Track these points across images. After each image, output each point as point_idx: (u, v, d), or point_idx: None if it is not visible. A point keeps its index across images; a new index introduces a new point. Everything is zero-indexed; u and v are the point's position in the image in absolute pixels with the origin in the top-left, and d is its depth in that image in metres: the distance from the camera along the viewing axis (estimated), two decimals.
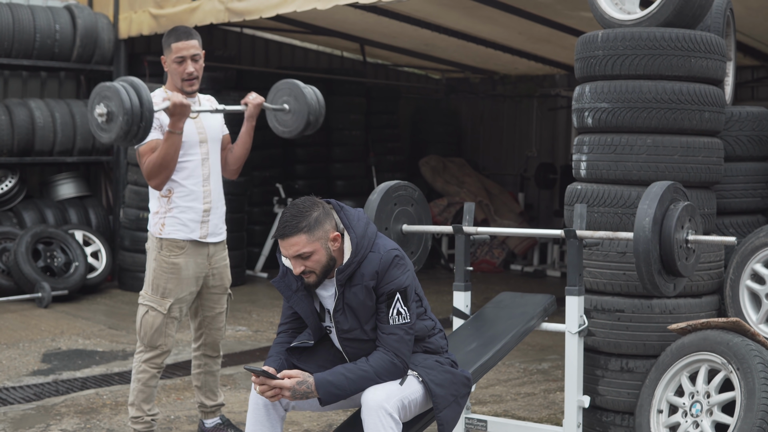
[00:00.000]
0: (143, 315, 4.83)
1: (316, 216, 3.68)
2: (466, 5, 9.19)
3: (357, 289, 3.70)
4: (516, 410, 5.88)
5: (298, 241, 3.65)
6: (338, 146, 12.75)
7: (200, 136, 4.86)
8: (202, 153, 4.86)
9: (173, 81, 4.85)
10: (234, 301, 5.34)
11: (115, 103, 4.36)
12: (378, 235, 3.79)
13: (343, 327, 3.76)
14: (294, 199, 7.03)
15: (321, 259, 3.69)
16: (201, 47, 4.88)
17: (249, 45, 12.81)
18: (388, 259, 3.70)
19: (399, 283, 3.70)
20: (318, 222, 3.67)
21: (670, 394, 4.57)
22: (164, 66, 4.87)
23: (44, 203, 10.12)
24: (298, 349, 3.88)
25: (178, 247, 4.82)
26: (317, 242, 3.66)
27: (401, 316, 3.70)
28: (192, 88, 4.84)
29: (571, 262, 4.51)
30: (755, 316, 5.02)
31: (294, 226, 3.65)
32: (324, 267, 3.71)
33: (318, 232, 3.67)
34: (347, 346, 3.81)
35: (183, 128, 4.68)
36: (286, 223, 3.66)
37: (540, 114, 14.16)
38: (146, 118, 4.41)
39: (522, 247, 12.30)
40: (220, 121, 5.05)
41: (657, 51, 4.83)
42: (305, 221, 3.65)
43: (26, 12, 9.71)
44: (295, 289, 3.84)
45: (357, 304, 3.71)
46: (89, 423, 5.50)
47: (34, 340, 7.63)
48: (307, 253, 3.66)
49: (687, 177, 4.86)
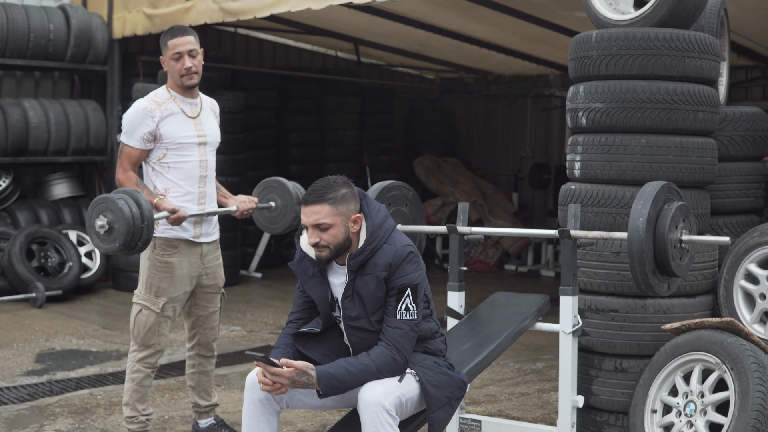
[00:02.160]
0: (137, 314, 4.85)
1: (344, 193, 3.72)
2: (460, 5, 9.19)
3: (368, 278, 3.72)
4: (510, 410, 5.88)
5: (320, 210, 3.68)
6: (332, 146, 12.74)
7: (200, 138, 4.88)
8: (200, 155, 4.88)
9: (173, 79, 4.87)
10: (228, 301, 5.35)
11: (116, 217, 4.39)
12: (395, 230, 3.82)
13: (350, 314, 3.78)
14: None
15: (338, 234, 3.71)
16: (198, 44, 4.89)
17: (243, 45, 12.80)
18: (403, 254, 3.72)
19: (411, 278, 3.72)
20: (344, 198, 3.71)
21: (664, 393, 4.58)
22: (164, 66, 4.89)
23: (38, 203, 10.10)
24: (304, 335, 3.89)
25: (172, 246, 4.84)
26: (338, 217, 3.69)
27: (409, 311, 3.72)
28: (192, 82, 4.85)
29: (565, 262, 4.51)
30: (749, 316, 5.03)
31: (321, 195, 3.69)
32: (339, 244, 3.72)
33: (342, 208, 3.70)
34: (352, 335, 3.82)
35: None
36: (314, 191, 3.70)
37: (534, 114, 14.17)
38: (147, 233, 4.46)
39: (516, 247, 12.31)
40: (218, 127, 5.09)
41: (651, 51, 4.84)
42: (333, 193, 3.69)
43: (20, 12, 9.69)
44: (311, 275, 3.86)
45: (367, 293, 3.73)
46: (83, 423, 5.50)
47: (28, 340, 7.62)
48: (326, 225, 3.68)
49: (681, 177, 4.87)
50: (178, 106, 4.84)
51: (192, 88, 4.88)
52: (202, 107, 4.97)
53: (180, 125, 4.82)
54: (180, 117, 4.83)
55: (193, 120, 4.87)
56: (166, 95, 4.86)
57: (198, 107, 4.94)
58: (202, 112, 4.96)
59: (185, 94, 4.89)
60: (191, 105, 4.91)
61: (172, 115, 4.81)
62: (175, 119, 4.81)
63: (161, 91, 4.88)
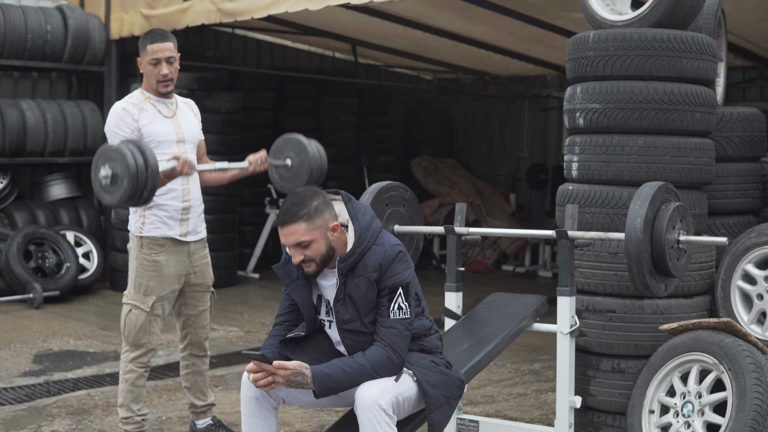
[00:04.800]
0: (127, 314, 4.88)
1: (316, 205, 3.70)
2: (457, 6, 9.19)
3: (359, 280, 3.72)
4: (507, 411, 5.89)
5: (297, 230, 3.66)
6: (330, 147, 12.57)
7: (177, 135, 4.92)
8: (179, 152, 4.88)
9: (149, 82, 4.92)
10: (225, 302, 5.35)
11: (120, 166, 4.26)
12: (383, 231, 3.82)
13: (343, 317, 3.78)
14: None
15: (320, 248, 3.71)
16: (176, 50, 4.94)
17: (240, 45, 12.80)
18: (393, 254, 3.72)
19: (402, 278, 3.72)
20: (318, 211, 3.69)
21: (661, 394, 4.58)
22: (140, 67, 4.93)
23: (35, 204, 10.09)
24: (292, 341, 3.90)
25: (159, 245, 4.86)
26: (316, 231, 3.68)
27: (402, 311, 3.72)
28: (167, 89, 4.90)
29: (562, 263, 4.52)
30: (746, 316, 5.04)
31: (294, 213, 3.67)
32: (323, 256, 3.72)
33: (318, 221, 3.69)
34: (347, 338, 3.81)
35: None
36: (286, 211, 3.68)
37: (531, 115, 14.18)
38: (152, 181, 4.32)
39: (513, 247, 12.31)
40: (197, 125, 5.11)
41: (648, 52, 4.84)
42: (305, 209, 3.67)
43: (17, 12, 9.68)
44: (294, 278, 3.86)
45: (358, 295, 3.73)
46: (81, 424, 5.49)
47: (26, 341, 7.61)
48: (306, 242, 3.68)
49: (678, 177, 4.87)
50: (154, 107, 4.88)
51: (167, 95, 4.92)
52: (178, 106, 5.02)
53: (158, 124, 4.85)
54: (157, 117, 4.87)
55: (170, 119, 4.92)
56: (141, 97, 4.90)
57: (174, 106, 4.98)
58: (178, 111, 4.99)
59: (160, 96, 4.92)
60: (166, 105, 4.94)
61: (149, 115, 4.84)
62: (153, 119, 4.84)
63: (136, 93, 4.94)
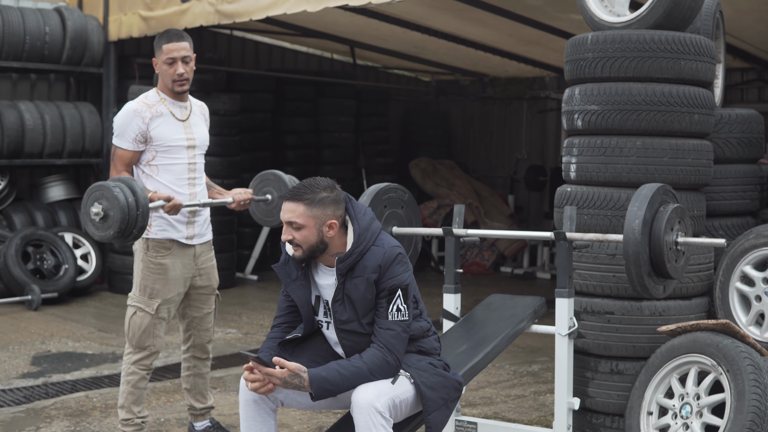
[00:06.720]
0: (131, 316, 4.87)
1: (324, 197, 3.73)
2: (455, 7, 9.20)
3: (358, 281, 3.72)
4: (506, 412, 5.88)
5: (295, 209, 3.70)
6: (328, 148, 12.73)
7: (189, 141, 4.92)
8: (189, 157, 4.90)
9: (164, 82, 4.90)
10: (224, 303, 5.35)
11: (112, 206, 4.36)
12: (382, 232, 3.83)
13: (341, 318, 3.77)
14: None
15: (309, 237, 3.71)
16: (192, 50, 4.91)
17: (239, 47, 12.79)
18: (392, 255, 3.73)
19: (401, 279, 3.72)
20: (322, 202, 3.71)
21: (660, 396, 4.58)
22: (155, 68, 4.91)
23: (34, 205, 10.09)
24: (290, 343, 3.90)
25: (165, 247, 4.85)
26: (311, 219, 3.70)
27: (400, 312, 3.72)
28: (182, 89, 4.89)
29: (560, 264, 4.52)
30: (745, 317, 5.04)
31: (299, 193, 3.71)
32: (311, 246, 3.73)
33: (316, 211, 3.70)
34: (344, 338, 3.81)
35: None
36: (295, 189, 3.73)
37: (530, 116, 14.17)
38: (142, 220, 4.42)
39: (512, 249, 12.31)
40: (207, 130, 5.12)
41: (646, 53, 4.84)
42: (311, 195, 3.71)
43: (16, 14, 9.68)
44: (294, 278, 3.86)
45: (357, 296, 3.73)
46: (79, 426, 5.49)
47: (24, 342, 7.60)
48: (297, 224, 3.70)
49: (676, 179, 4.87)
50: (168, 109, 4.87)
51: (182, 94, 4.91)
52: (192, 111, 5.01)
53: (169, 128, 4.85)
54: (169, 119, 4.86)
55: (182, 123, 4.91)
56: (156, 98, 4.89)
57: (188, 110, 4.97)
58: (192, 116, 4.99)
59: (175, 97, 4.92)
60: (181, 108, 4.93)
61: (162, 117, 4.84)
62: (165, 121, 4.84)
63: (151, 93, 4.92)
